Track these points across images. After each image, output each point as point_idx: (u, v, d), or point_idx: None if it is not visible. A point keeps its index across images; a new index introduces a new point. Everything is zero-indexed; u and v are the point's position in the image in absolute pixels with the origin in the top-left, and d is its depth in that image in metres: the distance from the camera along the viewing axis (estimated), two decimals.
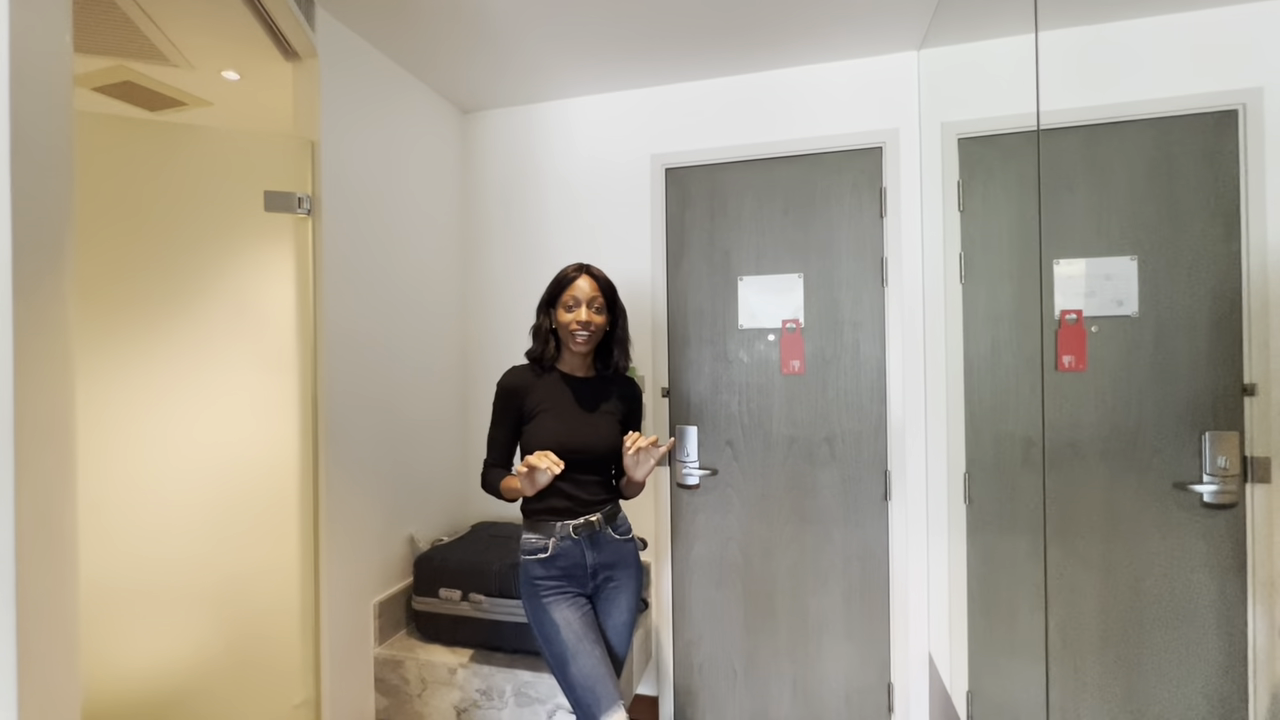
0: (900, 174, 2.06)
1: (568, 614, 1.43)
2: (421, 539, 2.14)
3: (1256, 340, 1.77)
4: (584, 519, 1.47)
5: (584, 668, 1.38)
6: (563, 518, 1.46)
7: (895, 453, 2.07)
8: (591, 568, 1.47)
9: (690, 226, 2.25)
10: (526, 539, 1.48)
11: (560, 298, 1.51)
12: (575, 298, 1.49)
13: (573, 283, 1.50)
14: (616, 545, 1.52)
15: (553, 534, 1.46)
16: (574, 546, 1.46)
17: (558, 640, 1.40)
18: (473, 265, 2.48)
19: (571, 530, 1.46)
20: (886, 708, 2.08)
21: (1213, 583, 1.82)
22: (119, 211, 1.57)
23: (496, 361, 2.44)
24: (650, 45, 2.00)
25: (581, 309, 1.49)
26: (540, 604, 1.44)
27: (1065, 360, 1.91)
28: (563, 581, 1.45)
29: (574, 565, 1.46)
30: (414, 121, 2.18)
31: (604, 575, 1.50)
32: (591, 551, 1.47)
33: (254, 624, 1.66)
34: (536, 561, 1.45)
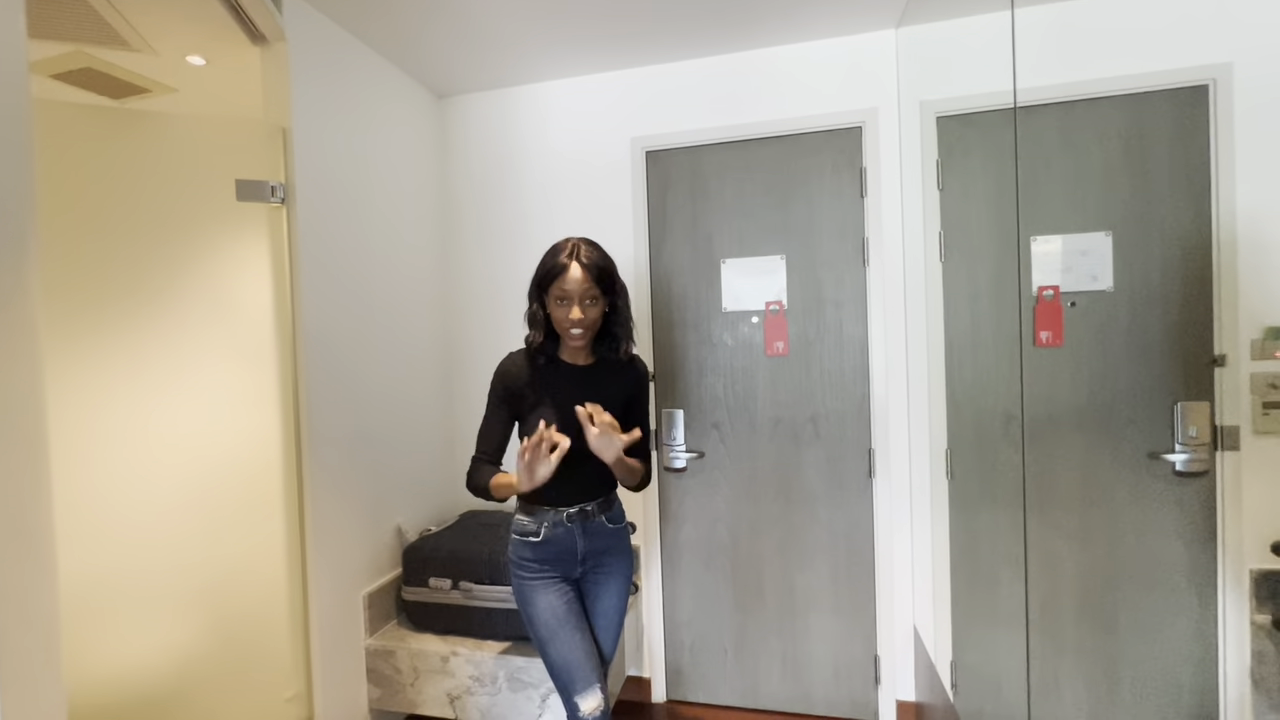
0: (880, 153, 2.06)
1: (552, 599, 1.43)
2: (409, 529, 2.13)
3: (1226, 312, 1.81)
4: (579, 507, 1.45)
5: (561, 651, 1.40)
6: (557, 505, 1.44)
7: (879, 431, 2.09)
8: (582, 554, 1.46)
9: (672, 210, 2.24)
10: (518, 520, 1.47)
11: (550, 289, 1.38)
12: (566, 292, 1.36)
13: (563, 273, 1.35)
14: (608, 533, 1.50)
15: (545, 519, 1.44)
16: (566, 533, 1.44)
17: (540, 622, 1.42)
18: (453, 251, 2.45)
19: (565, 517, 1.44)
20: (874, 680, 2.13)
21: (1185, 549, 1.87)
22: (84, 203, 1.52)
23: (480, 349, 2.42)
24: (628, 26, 1.97)
25: (574, 307, 1.36)
26: (526, 585, 1.45)
27: (1043, 336, 1.94)
28: (550, 566, 1.45)
29: (564, 551, 1.45)
30: (388, 107, 2.14)
31: (593, 562, 1.49)
32: (583, 539, 1.46)
33: (242, 619, 1.65)
34: (526, 544, 1.45)
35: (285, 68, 1.71)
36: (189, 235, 1.62)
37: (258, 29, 1.68)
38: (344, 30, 1.92)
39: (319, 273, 1.79)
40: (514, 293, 2.38)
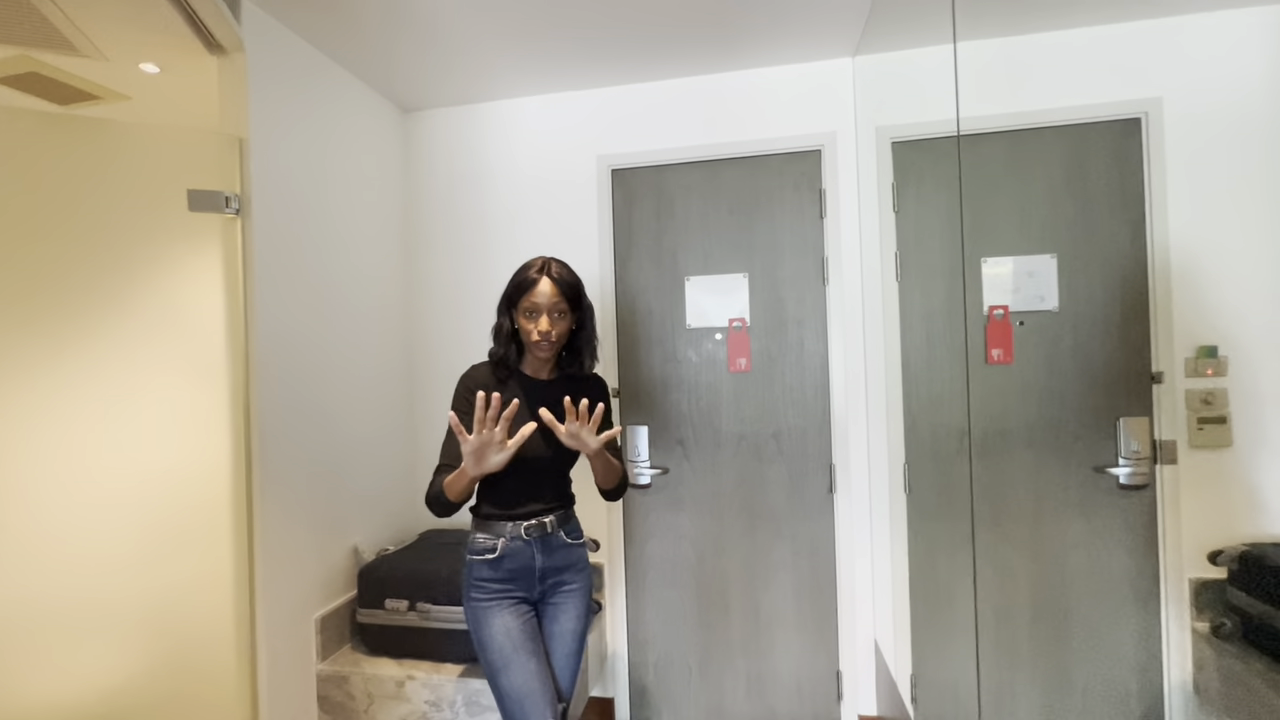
0: (838, 176, 2.12)
1: (508, 621, 1.38)
2: (366, 549, 2.07)
3: (1162, 331, 1.90)
4: (536, 520, 1.43)
5: (515, 680, 1.33)
6: (514, 519, 1.42)
7: (839, 446, 2.13)
8: (540, 571, 1.44)
9: (637, 227, 2.27)
10: (475, 539, 1.44)
11: (520, 303, 1.42)
12: (536, 304, 1.39)
13: (533, 287, 1.39)
14: (567, 550, 1.48)
15: (503, 534, 1.41)
16: (524, 548, 1.42)
17: (493, 648, 1.36)
18: (417, 268, 2.43)
19: (523, 531, 1.42)
20: (836, 695, 2.14)
21: (1129, 559, 1.94)
22: (27, 211, 1.46)
23: (443, 366, 2.39)
24: (594, 47, 2.00)
25: (543, 318, 1.39)
26: (481, 607, 1.40)
27: (994, 354, 2.01)
28: (508, 585, 1.41)
29: (522, 568, 1.42)
30: (351, 120, 2.12)
31: (552, 580, 1.46)
32: (541, 554, 1.44)
33: (184, 646, 1.57)
34: (484, 562, 1.41)
35: (243, 78, 1.68)
36: (137, 245, 1.57)
37: (215, 38, 1.65)
38: (306, 43, 1.90)
39: (275, 286, 1.75)
40: (479, 309, 2.36)
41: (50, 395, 1.47)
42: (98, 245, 1.53)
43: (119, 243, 1.55)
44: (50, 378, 1.47)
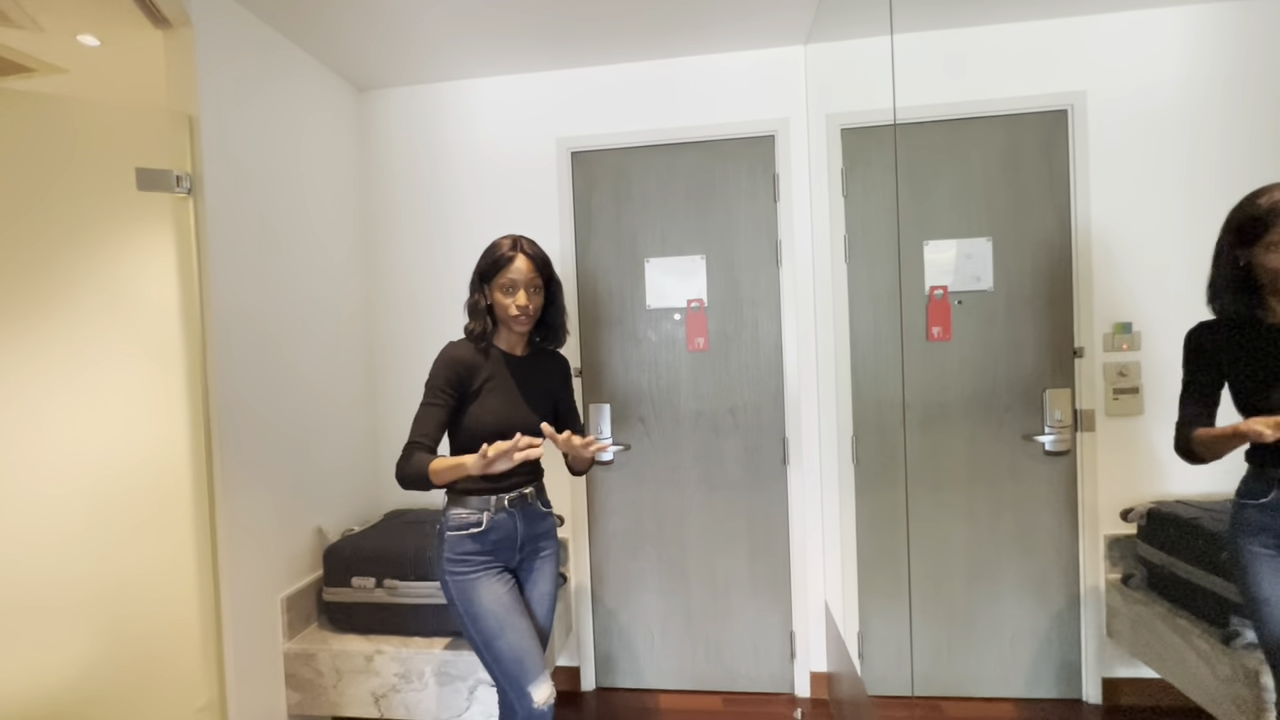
0: (791, 161, 2.20)
1: (497, 589, 1.43)
2: (330, 530, 2.08)
3: (1084, 309, 2.06)
4: (518, 492, 1.48)
5: (512, 642, 1.39)
6: (498, 491, 1.45)
7: (792, 421, 2.24)
8: (521, 539, 1.49)
9: (597, 210, 2.30)
10: (456, 514, 1.44)
11: (495, 279, 1.44)
12: (513, 280, 1.43)
13: (509, 264, 1.43)
14: (543, 518, 1.55)
15: (487, 507, 1.44)
16: (508, 519, 1.46)
17: (486, 616, 1.40)
18: (376, 246, 2.41)
19: (506, 503, 1.46)
20: (789, 654, 2.27)
21: (1054, 519, 2.12)
22: None
23: (405, 344, 2.39)
24: (550, 28, 2.01)
25: (520, 293, 1.43)
26: (468, 580, 1.42)
27: (934, 331, 2.14)
28: (491, 556, 1.45)
29: (505, 538, 1.46)
30: (305, 98, 2.08)
31: (530, 547, 1.52)
32: (523, 523, 1.49)
33: (147, 630, 1.57)
34: (468, 536, 1.43)
35: (191, 53, 1.65)
36: (83, 225, 1.53)
37: (159, 11, 1.61)
38: (256, 18, 1.86)
39: (230, 266, 1.73)
40: (439, 288, 2.37)
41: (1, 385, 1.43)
42: (39, 225, 1.49)
43: (63, 222, 1.51)
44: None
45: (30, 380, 1.47)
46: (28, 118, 1.49)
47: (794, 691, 2.26)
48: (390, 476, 2.41)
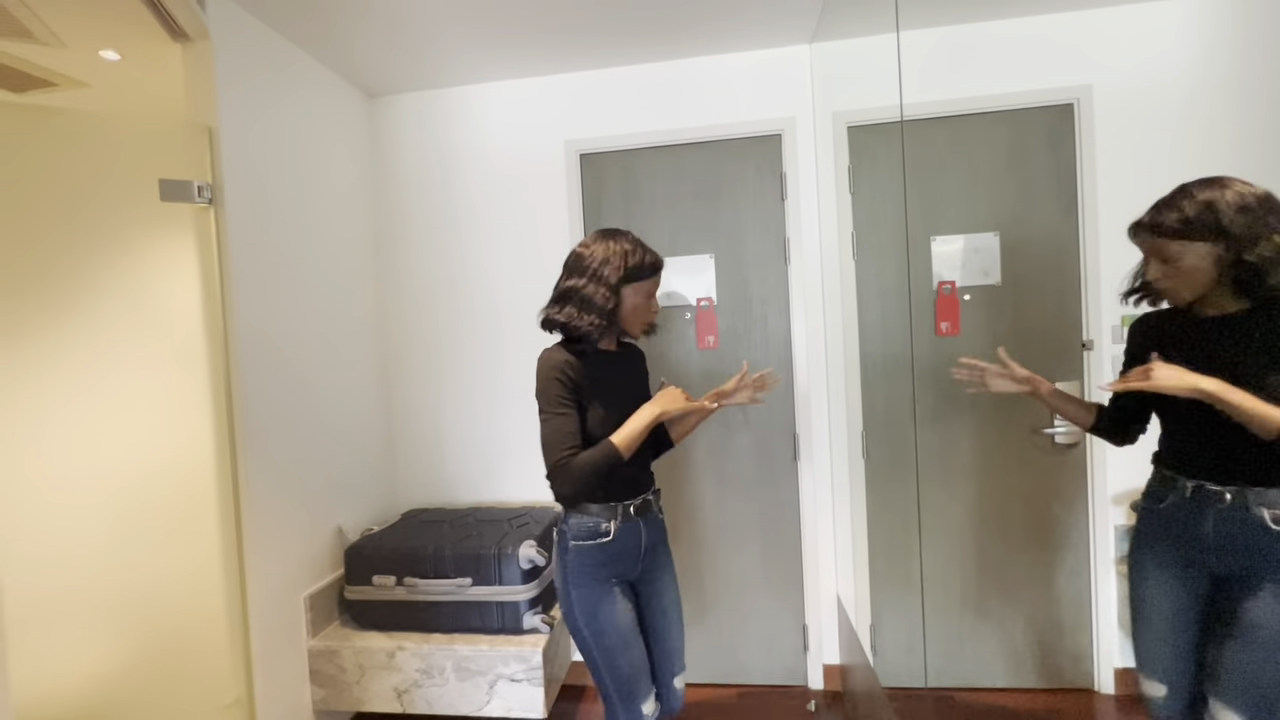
0: (798, 159, 2.22)
1: (622, 607, 1.40)
2: (350, 530, 2.13)
3: (1091, 303, 2.07)
4: (642, 498, 1.45)
5: (633, 660, 1.40)
6: (625, 498, 1.42)
7: (802, 417, 2.26)
8: (645, 548, 1.45)
9: (606, 210, 2.33)
10: (582, 522, 1.39)
11: (641, 283, 1.40)
12: (656, 286, 1.45)
13: (657, 272, 1.43)
14: (660, 524, 1.52)
15: (613, 516, 1.40)
16: (633, 528, 1.42)
17: (613, 632, 1.38)
18: (389, 252, 2.45)
19: (632, 511, 1.42)
20: (802, 648, 2.30)
21: (1063, 510, 2.13)
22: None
23: (419, 348, 2.44)
24: (558, 32, 2.04)
25: (656, 302, 1.48)
26: (599, 592, 1.38)
27: (943, 326, 2.16)
28: (618, 566, 1.41)
29: (630, 548, 1.42)
30: (319, 106, 2.12)
31: (650, 558, 1.48)
32: (646, 532, 1.45)
33: (177, 629, 1.62)
34: (595, 547, 1.38)
35: (210, 66, 1.69)
36: (108, 238, 1.57)
37: (178, 25, 1.65)
38: (270, 29, 1.90)
39: (251, 274, 1.77)
40: (451, 290, 2.41)
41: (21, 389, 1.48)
42: (66, 238, 1.53)
43: (88, 233, 1.55)
44: (20, 372, 1.48)
45: (58, 390, 1.52)
46: (51, 131, 1.53)
47: (807, 684, 2.29)
48: (407, 476, 2.45)
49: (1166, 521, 1.28)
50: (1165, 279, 1.22)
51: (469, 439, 2.42)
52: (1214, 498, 1.20)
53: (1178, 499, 1.26)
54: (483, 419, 2.41)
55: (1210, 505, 1.20)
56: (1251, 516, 1.16)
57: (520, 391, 2.37)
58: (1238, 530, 1.17)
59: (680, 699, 1.53)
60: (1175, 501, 1.26)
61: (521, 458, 2.39)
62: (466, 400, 2.42)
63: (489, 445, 2.41)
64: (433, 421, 2.44)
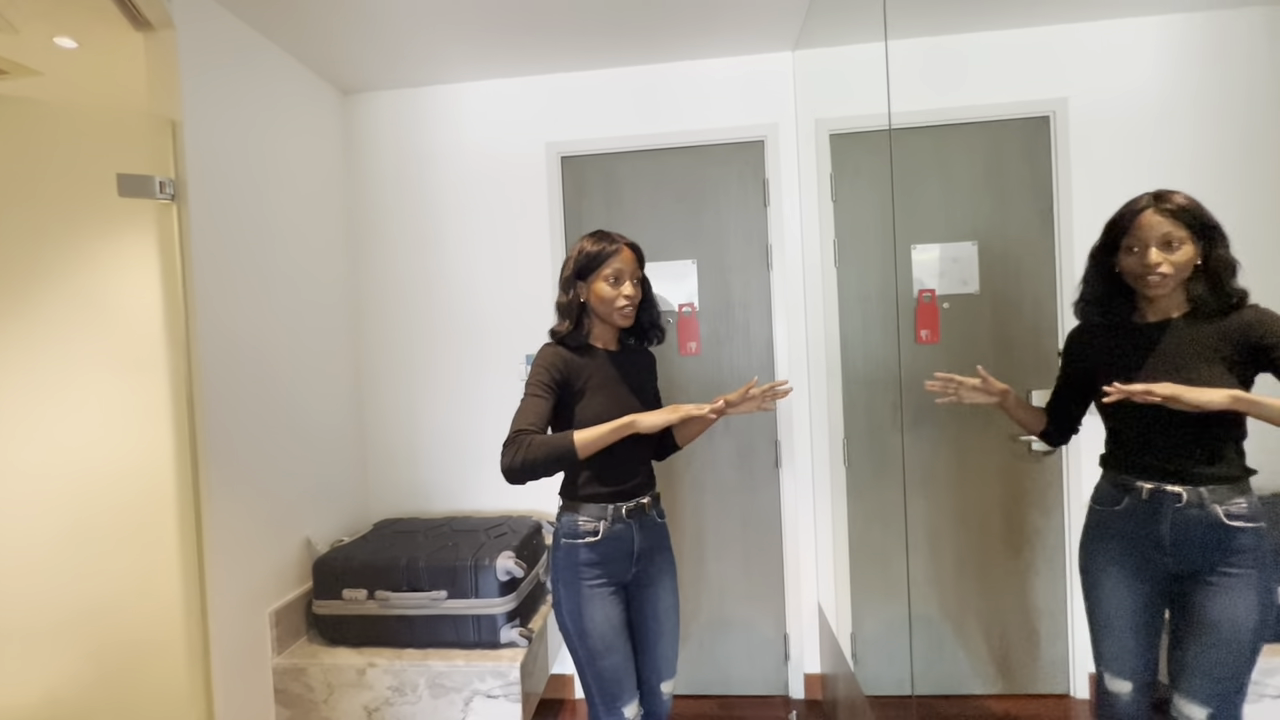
0: (780, 166, 2.22)
1: (610, 609, 1.39)
2: (319, 541, 2.05)
3: (1066, 312, 2.09)
4: (635, 501, 1.42)
5: (615, 663, 1.38)
6: (615, 500, 1.40)
7: (784, 423, 2.25)
8: (637, 553, 1.42)
9: (588, 214, 2.30)
10: (571, 521, 1.39)
11: (599, 271, 1.39)
12: (619, 270, 1.39)
13: (615, 255, 1.39)
14: (658, 529, 1.49)
15: (604, 516, 1.38)
16: (624, 530, 1.40)
17: (596, 634, 1.37)
18: (363, 253, 2.38)
19: (624, 513, 1.40)
20: (784, 656, 2.28)
21: (1040, 517, 2.15)
22: None
23: (393, 353, 2.36)
24: (541, 33, 2.01)
25: (627, 284, 1.40)
26: (584, 593, 1.37)
27: (923, 333, 2.17)
28: (608, 567, 1.39)
29: (621, 551, 1.40)
30: (288, 101, 2.05)
31: (645, 561, 1.45)
32: (639, 535, 1.42)
33: (132, 647, 1.53)
34: (585, 546, 1.37)
35: (174, 56, 1.61)
36: (62, 234, 1.49)
37: (140, 13, 1.57)
38: (240, 20, 1.83)
39: (216, 273, 1.70)
40: (427, 293, 2.35)
41: None
42: (15, 232, 1.44)
43: (40, 229, 1.47)
44: None
45: (8, 392, 1.43)
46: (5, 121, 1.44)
47: (788, 694, 2.27)
48: (380, 485, 2.38)
49: (1122, 523, 1.31)
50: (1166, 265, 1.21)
51: (444, 446, 2.36)
52: (1171, 498, 1.23)
53: (1134, 501, 1.28)
54: (459, 426, 2.35)
55: (1167, 506, 1.23)
56: (1207, 515, 1.19)
57: (498, 397, 2.31)
58: (1195, 528, 1.21)
59: (667, 705, 1.51)
60: (1131, 504, 1.29)
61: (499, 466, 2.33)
62: (442, 406, 2.36)
63: (465, 453, 2.35)
64: (407, 428, 2.37)
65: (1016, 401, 1.51)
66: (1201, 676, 1.20)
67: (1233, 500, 1.17)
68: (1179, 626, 1.26)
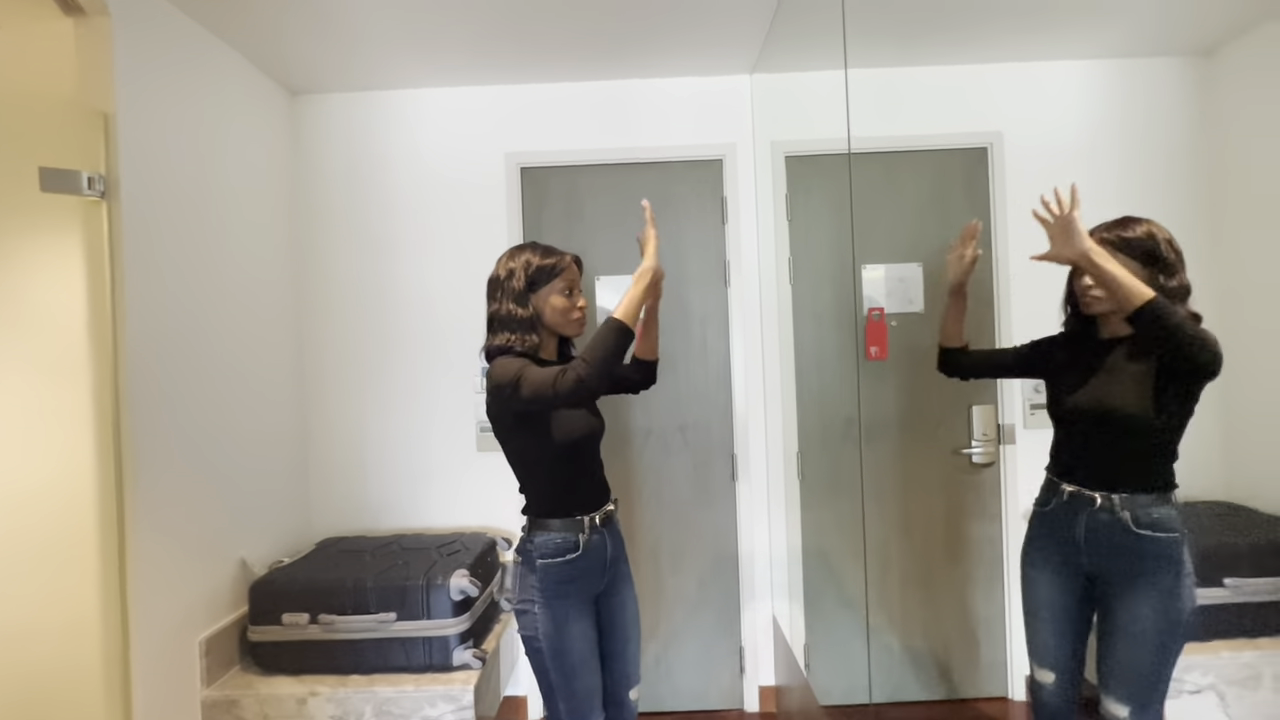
0: (738, 185, 2.27)
1: (586, 627, 1.37)
2: (257, 563, 1.93)
3: (1004, 331, 2.23)
4: (603, 509, 1.42)
5: (588, 681, 1.36)
6: (589, 510, 1.39)
7: (740, 437, 2.28)
8: (610, 560, 1.41)
9: (548, 227, 2.28)
10: (548, 540, 1.34)
11: (552, 283, 1.37)
12: (573, 281, 1.40)
13: (568, 268, 1.40)
14: (620, 536, 1.49)
15: (580, 529, 1.36)
16: (600, 540, 1.39)
17: (573, 651, 1.34)
18: (309, 261, 2.28)
19: (598, 521, 1.39)
20: (739, 670, 2.29)
21: (981, 526, 2.25)
22: None
23: (341, 361, 2.27)
24: (502, 43, 1.99)
25: (579, 295, 1.42)
26: (566, 610, 1.34)
27: (872, 350, 2.25)
28: (586, 581, 1.37)
29: (597, 562, 1.39)
30: (233, 99, 1.96)
31: (613, 570, 1.44)
32: (611, 544, 1.42)
33: (45, 679, 1.39)
34: (567, 563, 1.34)
35: (107, 45, 1.51)
36: None
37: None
38: (181, 12, 1.74)
39: (149, 274, 1.59)
40: (379, 303, 2.27)
41: None
42: None
43: None
44: None
45: None
46: None
47: (743, 707, 2.28)
48: (322, 501, 2.27)
49: (1050, 523, 1.39)
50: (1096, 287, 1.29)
51: (393, 461, 2.27)
52: (1087, 501, 1.31)
53: (1059, 502, 1.37)
54: (409, 439, 2.27)
55: (1083, 508, 1.31)
56: (1116, 519, 1.27)
57: (451, 410, 2.25)
58: (1104, 531, 1.29)
59: (633, 712, 1.49)
60: (1057, 505, 1.38)
61: (451, 480, 2.27)
62: (391, 419, 2.27)
63: (415, 467, 2.27)
64: (354, 441, 2.28)
65: (962, 308, 1.62)
66: (1120, 676, 1.27)
67: (1146, 509, 1.25)
68: (1102, 627, 1.33)
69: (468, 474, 2.26)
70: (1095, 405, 1.28)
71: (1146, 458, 1.26)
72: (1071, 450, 1.37)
